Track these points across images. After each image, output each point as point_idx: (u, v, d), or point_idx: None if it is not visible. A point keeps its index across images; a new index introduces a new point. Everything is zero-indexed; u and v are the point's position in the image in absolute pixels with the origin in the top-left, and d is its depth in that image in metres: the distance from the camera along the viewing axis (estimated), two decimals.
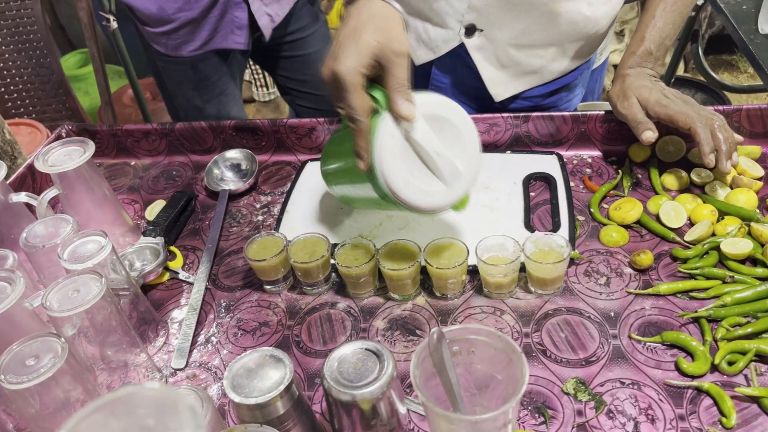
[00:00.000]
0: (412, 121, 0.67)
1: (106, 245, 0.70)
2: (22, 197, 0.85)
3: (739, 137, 0.85)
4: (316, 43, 1.56)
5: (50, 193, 0.84)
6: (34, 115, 1.97)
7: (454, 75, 1.04)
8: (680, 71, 2.65)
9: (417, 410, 0.66)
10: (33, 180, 1.03)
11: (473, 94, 1.04)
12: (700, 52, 2.03)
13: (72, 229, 0.76)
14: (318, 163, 1.03)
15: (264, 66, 1.67)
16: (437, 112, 0.70)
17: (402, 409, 0.60)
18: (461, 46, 0.98)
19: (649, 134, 0.86)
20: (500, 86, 1.01)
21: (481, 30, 0.94)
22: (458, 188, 0.74)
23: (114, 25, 1.93)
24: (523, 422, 0.65)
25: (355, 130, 0.68)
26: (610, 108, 0.95)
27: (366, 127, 0.68)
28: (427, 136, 0.70)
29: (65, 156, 0.83)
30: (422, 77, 1.06)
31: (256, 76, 2.85)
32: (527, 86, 1.02)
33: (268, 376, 0.57)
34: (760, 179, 0.88)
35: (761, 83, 1.36)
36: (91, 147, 0.83)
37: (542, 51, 0.97)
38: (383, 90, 0.68)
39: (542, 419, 0.65)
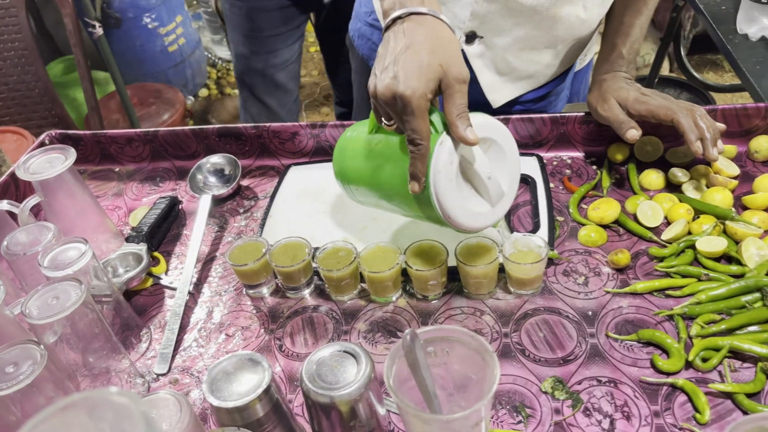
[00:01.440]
0: (473, 146, 0.67)
1: (87, 252, 0.71)
2: (3, 205, 0.85)
3: (721, 125, 0.86)
4: None
5: (32, 201, 0.85)
6: (20, 123, 1.96)
7: None
8: (666, 71, 2.67)
9: (396, 411, 0.67)
10: (17, 188, 1.03)
11: (469, 100, 1.05)
12: (683, 53, 2.05)
13: (53, 236, 0.76)
14: (302, 167, 1.04)
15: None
16: (487, 135, 0.71)
17: (381, 410, 0.61)
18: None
19: (634, 132, 0.87)
20: (498, 92, 1.02)
21: (481, 37, 0.94)
22: (501, 208, 0.75)
23: (99, 31, 1.93)
24: (501, 421, 0.66)
25: (416, 154, 0.67)
26: None
27: (427, 152, 0.67)
28: (482, 161, 0.71)
29: (47, 163, 0.83)
30: None
31: None
32: (522, 91, 1.03)
33: (246, 380, 0.57)
34: (735, 178, 0.89)
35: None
36: (73, 154, 0.83)
37: (538, 55, 0.98)
38: (441, 114, 0.68)
39: (520, 418, 0.66)
